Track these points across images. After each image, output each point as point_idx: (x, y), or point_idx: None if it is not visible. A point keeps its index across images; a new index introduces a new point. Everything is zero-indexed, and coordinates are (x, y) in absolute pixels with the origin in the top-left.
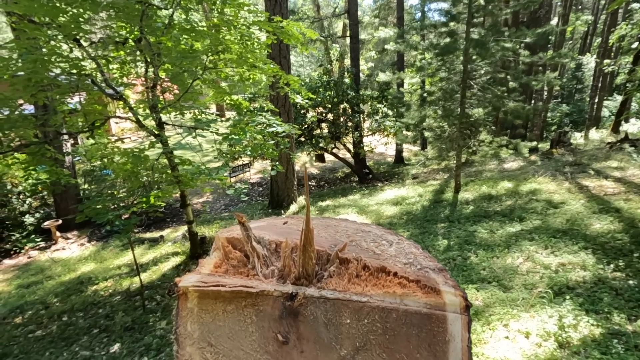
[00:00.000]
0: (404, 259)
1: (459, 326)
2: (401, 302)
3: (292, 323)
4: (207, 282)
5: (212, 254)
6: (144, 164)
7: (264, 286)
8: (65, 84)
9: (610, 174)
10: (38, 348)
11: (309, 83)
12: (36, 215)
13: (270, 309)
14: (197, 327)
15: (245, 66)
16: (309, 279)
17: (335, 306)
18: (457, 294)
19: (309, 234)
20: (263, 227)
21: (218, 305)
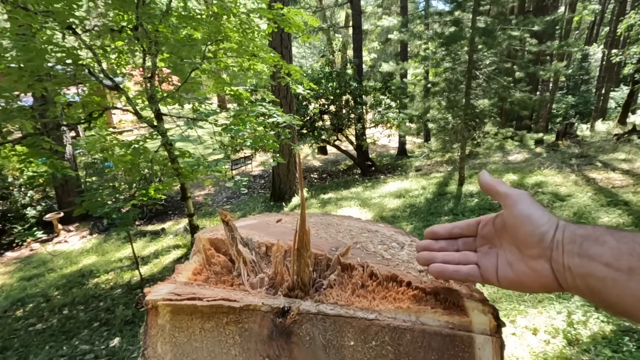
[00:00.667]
0: (418, 265)
1: (489, 351)
2: (417, 320)
3: (284, 345)
4: (180, 295)
5: (192, 258)
6: (144, 156)
7: (249, 299)
8: (62, 74)
9: (617, 166)
10: (38, 342)
11: (311, 74)
12: (38, 207)
13: (258, 327)
14: (169, 348)
15: (245, 55)
16: (305, 290)
17: (337, 324)
18: (486, 311)
19: (305, 236)
20: (253, 225)
21: (194, 322)
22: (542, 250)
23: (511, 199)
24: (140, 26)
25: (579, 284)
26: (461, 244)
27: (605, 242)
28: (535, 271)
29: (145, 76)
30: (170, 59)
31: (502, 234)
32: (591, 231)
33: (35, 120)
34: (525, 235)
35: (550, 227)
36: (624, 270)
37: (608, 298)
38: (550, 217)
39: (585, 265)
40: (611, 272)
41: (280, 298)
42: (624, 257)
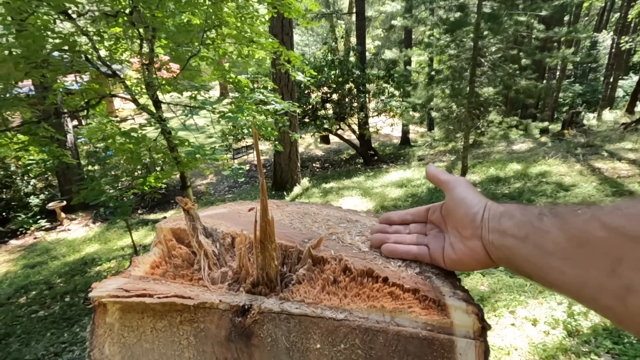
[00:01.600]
0: (399, 260)
1: (471, 357)
2: (391, 321)
3: (243, 348)
4: (129, 291)
5: (152, 250)
6: (144, 144)
7: (206, 296)
8: (58, 60)
9: (624, 156)
10: (40, 328)
11: (313, 62)
12: (41, 196)
13: (215, 327)
14: (118, 349)
15: (244, 41)
16: (271, 286)
17: (302, 325)
18: (470, 311)
19: (268, 227)
20: (222, 215)
21: (146, 321)
22: (475, 230)
23: (450, 185)
24: (135, 11)
25: (501, 257)
26: (413, 229)
27: (514, 216)
28: (471, 250)
29: (143, 62)
30: (168, 45)
31: (447, 219)
32: (508, 207)
33: (33, 107)
34: (461, 217)
35: (480, 208)
36: (521, 238)
37: (515, 264)
38: (481, 199)
39: (501, 239)
40: (514, 242)
41: (242, 295)
42: (523, 227)
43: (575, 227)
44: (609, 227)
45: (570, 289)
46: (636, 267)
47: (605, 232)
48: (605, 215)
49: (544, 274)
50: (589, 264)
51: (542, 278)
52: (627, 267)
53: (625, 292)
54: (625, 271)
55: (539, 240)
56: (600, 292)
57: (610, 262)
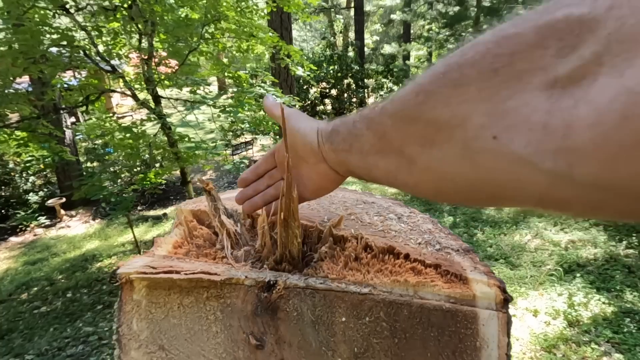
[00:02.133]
0: (417, 237)
1: (494, 327)
2: (415, 295)
3: (269, 321)
4: (156, 268)
5: (173, 231)
6: (143, 140)
7: (231, 272)
8: (57, 56)
9: None
10: (43, 324)
11: (312, 57)
12: (40, 193)
13: (241, 302)
14: (146, 325)
15: (243, 36)
16: (294, 263)
17: (327, 299)
18: (492, 284)
19: (292, 204)
20: None
21: (172, 297)
22: (317, 156)
23: (284, 121)
24: (134, 5)
25: (344, 170)
26: (268, 178)
27: (339, 131)
28: (322, 174)
29: (142, 58)
30: (167, 40)
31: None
32: (335, 124)
33: (32, 103)
34: (301, 149)
35: (312, 135)
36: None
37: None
38: (312, 125)
39: (336, 156)
40: (346, 155)
41: (266, 271)
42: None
43: (374, 122)
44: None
45: (384, 179)
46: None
47: (390, 119)
48: (389, 104)
49: (368, 172)
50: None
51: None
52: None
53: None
54: (406, 147)
55: (358, 145)
56: (398, 172)
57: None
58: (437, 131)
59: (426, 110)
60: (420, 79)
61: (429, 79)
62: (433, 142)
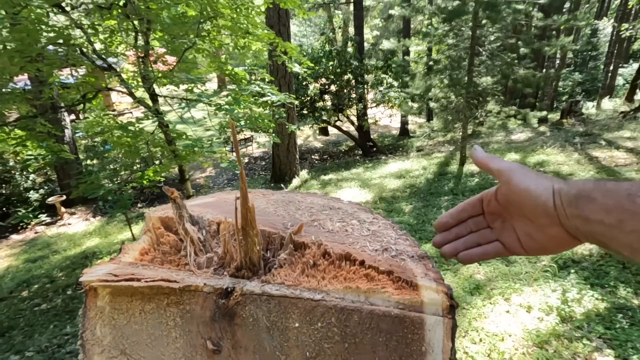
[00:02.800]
0: (376, 243)
1: (440, 333)
2: (366, 301)
3: (226, 327)
4: (118, 275)
5: (142, 238)
6: (141, 138)
7: (191, 280)
8: (53, 54)
9: (622, 145)
10: (43, 321)
11: (311, 53)
12: (40, 191)
13: (200, 308)
14: (109, 330)
15: (239, 33)
16: (254, 270)
17: (282, 305)
18: (439, 290)
19: (248, 213)
20: (210, 203)
21: (135, 303)
22: (551, 219)
23: (505, 175)
24: (130, 3)
25: (590, 239)
26: (472, 225)
27: (594, 199)
28: (553, 237)
29: (139, 56)
30: (163, 37)
31: (509, 208)
32: (582, 189)
33: (29, 102)
34: (530, 208)
35: (547, 196)
36: (614, 224)
37: (612, 248)
38: (545, 184)
39: (587, 225)
40: (606, 229)
41: (226, 278)
42: (613, 211)
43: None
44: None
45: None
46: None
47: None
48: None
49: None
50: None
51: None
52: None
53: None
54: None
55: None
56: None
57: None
58: None
59: None
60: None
61: None
62: None
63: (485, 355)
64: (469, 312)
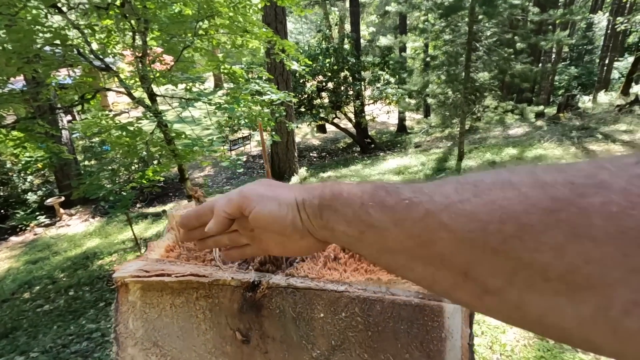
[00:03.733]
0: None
1: (458, 320)
2: (387, 291)
3: (254, 318)
4: (149, 271)
5: (165, 236)
6: (140, 138)
7: (219, 274)
8: (50, 55)
9: (618, 138)
10: (46, 321)
11: (307, 50)
12: (38, 192)
13: (228, 301)
14: (141, 324)
15: (237, 31)
16: (277, 264)
17: (307, 297)
18: None
19: None
20: None
21: (165, 298)
22: (301, 233)
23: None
24: (127, 2)
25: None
26: None
27: (336, 209)
28: (306, 246)
29: (136, 55)
30: (161, 37)
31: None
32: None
33: (27, 103)
34: (279, 230)
35: (293, 214)
36: (356, 236)
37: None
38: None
39: (334, 237)
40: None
41: (251, 272)
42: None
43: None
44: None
45: (421, 283)
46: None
47: (448, 234)
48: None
49: (391, 269)
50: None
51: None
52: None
53: (483, 293)
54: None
55: (378, 239)
56: (455, 290)
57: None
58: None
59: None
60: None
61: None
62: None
63: (487, 347)
64: None
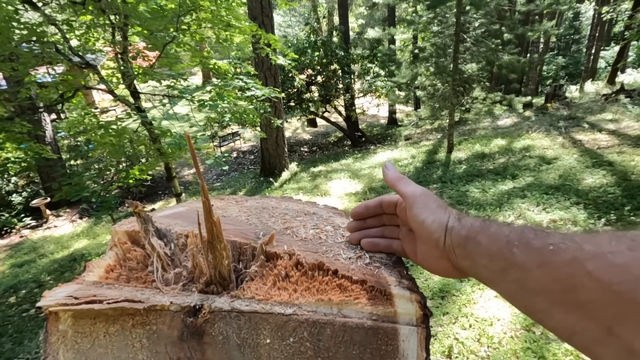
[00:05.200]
0: (350, 251)
1: (414, 343)
2: (338, 313)
3: (195, 346)
4: (79, 298)
5: (107, 254)
6: (123, 137)
7: (156, 299)
8: (27, 52)
9: (604, 127)
10: (32, 326)
11: (296, 44)
12: (23, 194)
13: (167, 328)
14: (72, 355)
15: (220, 25)
16: (224, 284)
17: (252, 322)
18: (413, 299)
19: (214, 227)
20: (180, 214)
21: (98, 326)
22: (441, 253)
23: (408, 201)
24: None
25: (477, 278)
26: (386, 219)
27: (480, 243)
28: (442, 267)
29: (117, 52)
30: (142, 32)
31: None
32: (471, 231)
33: (6, 102)
34: (424, 239)
35: (440, 234)
36: (497, 272)
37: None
38: (441, 220)
39: (474, 268)
40: (490, 274)
41: (194, 295)
42: (496, 259)
43: (557, 269)
44: (597, 279)
45: (560, 332)
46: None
47: (594, 284)
48: (589, 261)
49: (529, 312)
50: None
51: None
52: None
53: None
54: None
55: (520, 278)
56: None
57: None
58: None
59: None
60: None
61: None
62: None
63: (474, 340)
64: (458, 299)
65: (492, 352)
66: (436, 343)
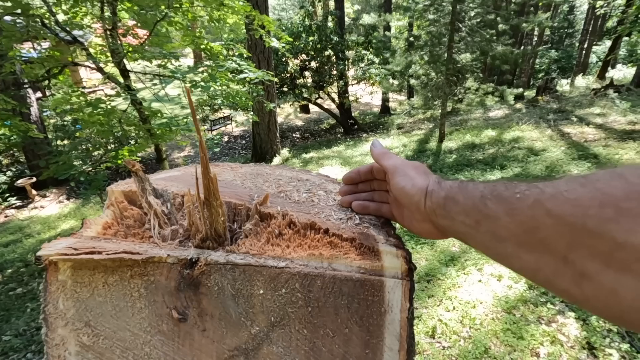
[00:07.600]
0: (341, 213)
1: (398, 294)
2: (329, 267)
3: (192, 296)
4: (79, 249)
5: (104, 212)
6: (112, 116)
7: (154, 251)
8: (11, 25)
9: (592, 121)
10: (19, 305)
11: (290, 27)
12: (8, 173)
13: (165, 279)
14: (72, 304)
15: (213, 4)
16: (220, 241)
17: (246, 274)
18: (399, 255)
19: (211, 184)
20: (175, 177)
21: (97, 277)
22: (423, 216)
23: (389, 173)
24: None
25: (456, 236)
26: (376, 184)
27: (458, 201)
28: (427, 230)
29: (106, 28)
30: (132, 8)
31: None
32: (449, 191)
33: None
34: (407, 205)
35: (420, 197)
36: (472, 225)
37: (472, 244)
38: (420, 186)
39: (452, 225)
40: (467, 228)
41: (190, 249)
42: (471, 213)
43: (522, 212)
44: (554, 214)
45: (526, 272)
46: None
47: (551, 220)
48: (548, 200)
49: (500, 258)
50: (542, 250)
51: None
52: (578, 255)
53: (580, 278)
54: (578, 259)
55: (491, 227)
56: (556, 277)
57: (562, 249)
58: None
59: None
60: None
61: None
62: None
63: (457, 321)
64: (443, 283)
65: (473, 332)
66: (420, 324)
